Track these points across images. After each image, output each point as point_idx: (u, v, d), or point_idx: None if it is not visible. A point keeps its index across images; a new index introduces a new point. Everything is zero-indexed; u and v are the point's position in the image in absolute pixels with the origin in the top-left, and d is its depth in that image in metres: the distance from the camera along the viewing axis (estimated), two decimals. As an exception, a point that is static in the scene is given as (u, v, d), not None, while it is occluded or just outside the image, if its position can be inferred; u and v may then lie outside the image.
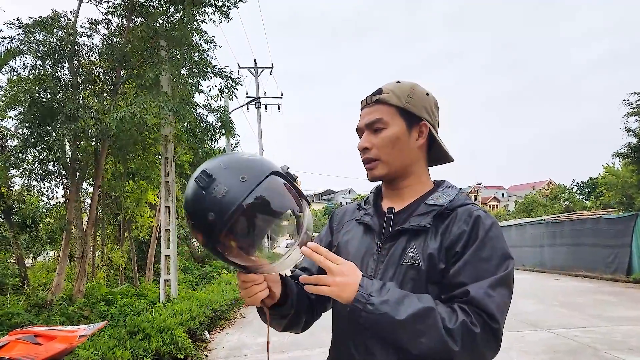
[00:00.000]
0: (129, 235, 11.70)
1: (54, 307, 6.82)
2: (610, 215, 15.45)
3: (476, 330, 1.03)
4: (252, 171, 1.04)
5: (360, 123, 1.32)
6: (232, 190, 1.00)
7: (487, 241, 1.14)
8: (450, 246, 1.15)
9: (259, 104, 26.68)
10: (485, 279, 1.09)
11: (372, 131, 1.28)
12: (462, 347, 1.02)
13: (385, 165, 1.27)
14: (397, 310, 1.03)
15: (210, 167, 1.05)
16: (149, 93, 7.65)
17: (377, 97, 1.29)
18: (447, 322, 1.03)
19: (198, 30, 9.00)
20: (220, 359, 6.22)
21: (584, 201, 37.72)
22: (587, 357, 5.64)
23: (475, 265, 1.11)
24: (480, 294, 1.06)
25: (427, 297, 1.08)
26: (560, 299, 10.47)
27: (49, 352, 2.22)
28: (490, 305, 1.05)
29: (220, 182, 1.01)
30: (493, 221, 1.18)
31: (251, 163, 1.07)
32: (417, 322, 1.03)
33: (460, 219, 1.18)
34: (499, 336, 1.07)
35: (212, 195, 1.00)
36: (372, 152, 1.27)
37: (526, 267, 19.22)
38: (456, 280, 1.11)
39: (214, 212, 0.99)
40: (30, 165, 8.21)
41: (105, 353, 4.59)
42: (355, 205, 1.45)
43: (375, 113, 1.28)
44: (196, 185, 1.04)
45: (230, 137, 10.02)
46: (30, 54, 7.71)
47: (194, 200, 1.04)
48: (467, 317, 1.04)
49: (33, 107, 7.57)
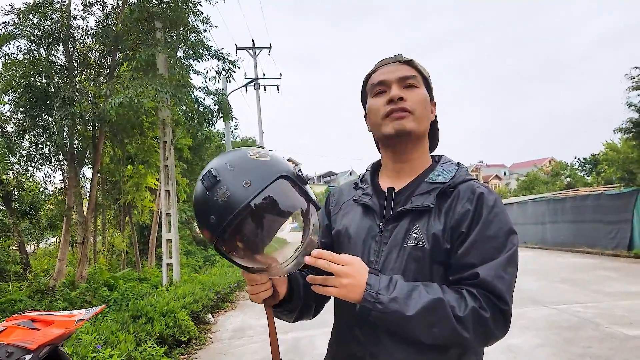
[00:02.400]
0: (130, 220, 11.71)
1: (57, 292, 6.85)
2: (611, 191, 15.42)
3: (486, 314, 1.03)
4: (258, 175, 1.00)
5: (389, 76, 1.23)
6: (234, 195, 0.97)
7: (493, 218, 1.12)
8: (456, 226, 1.13)
9: (257, 85, 26.44)
10: (494, 260, 1.08)
11: (405, 87, 1.22)
12: (474, 333, 1.03)
13: (416, 121, 1.21)
14: (406, 306, 1.02)
15: (217, 166, 1.02)
16: (145, 76, 7.55)
17: (407, 58, 1.25)
18: (457, 311, 1.02)
19: (194, 11, 8.85)
20: (224, 341, 6.26)
21: (586, 177, 37.69)
22: (589, 332, 5.66)
23: (483, 244, 1.10)
24: (490, 276, 1.05)
25: (435, 287, 1.07)
26: (561, 275, 10.50)
27: (47, 337, 2.20)
28: (500, 287, 1.05)
29: (224, 185, 0.99)
30: (496, 197, 1.16)
31: (259, 166, 1.02)
32: (427, 315, 1.02)
33: (464, 197, 1.15)
34: (508, 317, 1.07)
35: (215, 199, 0.98)
36: (407, 103, 1.20)
37: (528, 244, 19.26)
38: (464, 261, 1.09)
39: (215, 215, 0.98)
40: (27, 150, 8.17)
41: (108, 337, 4.60)
42: (351, 184, 1.39)
43: (409, 70, 1.24)
44: (201, 185, 1.03)
45: (227, 120, 9.93)
46: (25, 38, 7.60)
47: (198, 200, 1.03)
48: (476, 303, 1.03)
49: (28, 91, 7.50)
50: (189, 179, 13.70)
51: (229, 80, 9.48)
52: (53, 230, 10.29)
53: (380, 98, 1.24)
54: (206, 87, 9.42)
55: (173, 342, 5.64)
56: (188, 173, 13.81)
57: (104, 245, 12.00)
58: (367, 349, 1.15)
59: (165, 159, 8.82)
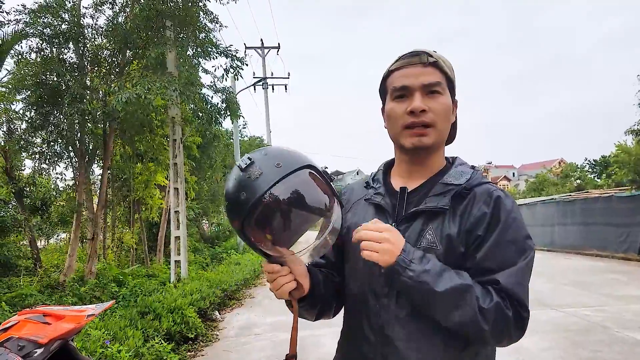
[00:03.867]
0: (139, 217, 11.78)
1: (66, 288, 6.92)
2: (622, 194, 15.27)
3: (509, 313, 1.04)
4: (289, 160, 1.05)
5: (412, 82, 1.17)
6: (266, 173, 1.02)
7: (511, 223, 1.11)
8: (471, 229, 1.11)
9: (265, 85, 26.49)
10: (513, 266, 1.09)
11: (428, 94, 1.17)
12: (492, 328, 1.04)
13: (436, 134, 1.18)
14: (437, 281, 1.03)
15: (253, 154, 1.09)
16: (154, 74, 7.59)
17: (432, 59, 1.17)
18: (481, 302, 1.03)
19: (204, 10, 8.88)
20: (230, 338, 6.29)
21: (596, 179, 37.35)
22: (598, 336, 5.62)
23: (501, 249, 1.10)
24: (511, 283, 1.07)
25: (465, 274, 1.08)
26: (571, 278, 10.42)
27: (58, 331, 2.22)
28: (521, 294, 1.07)
29: (257, 165, 1.04)
30: (513, 201, 1.15)
31: (290, 154, 1.09)
32: (454, 296, 1.03)
33: (480, 199, 1.14)
34: (526, 323, 1.09)
35: (247, 177, 1.03)
36: (429, 116, 1.15)
37: (537, 246, 18.76)
38: (483, 265, 1.10)
39: (246, 191, 1.02)
40: (40, 147, 8.26)
41: (116, 333, 4.64)
42: (363, 183, 1.37)
43: (433, 75, 1.17)
44: (237, 168, 1.08)
45: (235, 119, 9.95)
46: (36, 37, 7.68)
47: (231, 180, 1.08)
48: (501, 300, 1.05)
49: (39, 89, 7.58)
50: (198, 176, 13.76)
51: (236, 78, 9.49)
52: (63, 226, 10.39)
53: (401, 104, 1.19)
54: (214, 85, 9.42)
55: (180, 339, 5.67)
56: (196, 171, 13.88)
57: (113, 241, 12.09)
58: (377, 349, 1.15)
59: (174, 157, 8.87)
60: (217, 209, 18.16)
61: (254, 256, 13.86)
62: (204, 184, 15.08)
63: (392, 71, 1.23)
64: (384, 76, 1.27)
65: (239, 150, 17.86)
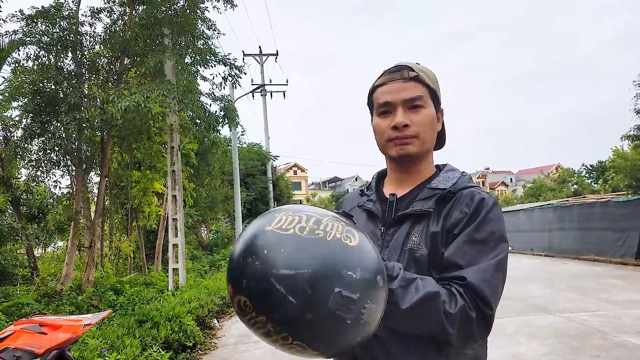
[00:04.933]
0: (137, 225, 11.76)
1: (64, 296, 6.89)
2: (619, 199, 15.30)
3: (472, 315, 1.03)
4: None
5: (394, 97, 1.23)
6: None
7: (486, 222, 1.13)
8: (451, 229, 1.15)
9: (264, 92, 26.60)
10: (481, 263, 1.09)
11: (410, 108, 1.22)
12: (458, 331, 1.03)
13: (420, 144, 1.23)
14: (402, 299, 1.00)
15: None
16: (152, 82, 7.62)
17: (413, 73, 1.22)
18: (447, 307, 1.02)
19: (202, 18, 8.93)
20: (229, 346, 6.27)
21: (593, 185, 37.45)
22: (596, 341, 5.62)
23: (472, 246, 1.11)
24: (477, 280, 1.06)
25: (430, 281, 1.06)
26: (568, 282, 10.43)
27: (54, 341, 2.22)
28: (486, 291, 1.05)
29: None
30: (494, 203, 1.17)
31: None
32: (420, 308, 1.01)
33: (463, 202, 1.18)
34: (490, 322, 1.07)
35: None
36: (411, 129, 1.21)
37: (534, 251, 19.15)
38: (451, 260, 1.11)
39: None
40: (36, 155, 8.26)
41: (114, 342, 4.62)
42: (358, 191, 1.44)
43: (414, 89, 1.22)
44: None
45: (233, 127, 9.98)
46: (33, 45, 7.70)
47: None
48: (464, 301, 1.04)
49: (36, 97, 7.59)
50: (196, 183, 13.75)
51: (235, 87, 9.53)
52: (61, 234, 10.36)
53: (385, 119, 1.24)
54: (213, 94, 9.45)
55: (178, 347, 5.65)
56: (195, 178, 13.87)
57: (111, 249, 12.05)
58: (367, 350, 1.16)
59: (172, 164, 8.88)
60: (215, 216, 18.13)
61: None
62: (202, 190, 15.06)
63: (376, 87, 1.28)
64: (370, 91, 1.32)
65: (237, 157, 17.86)
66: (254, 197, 23.55)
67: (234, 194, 18.03)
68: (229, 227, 19.98)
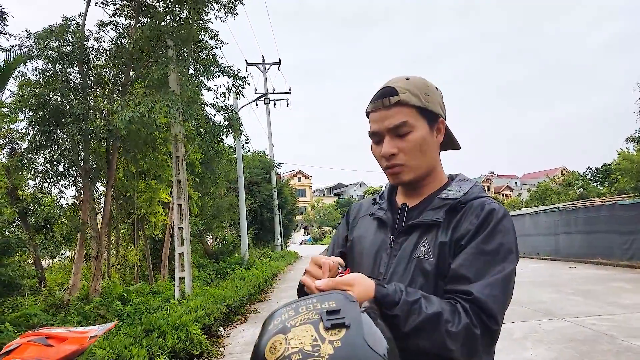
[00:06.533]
0: (143, 234, 11.81)
1: (71, 306, 6.92)
2: (625, 201, 15.23)
3: (477, 332, 1.02)
4: None
5: (379, 127, 1.22)
6: None
7: (496, 234, 1.12)
8: (459, 239, 1.14)
9: (267, 100, 26.71)
10: (489, 277, 1.08)
11: (396, 135, 1.21)
12: (461, 347, 1.02)
13: (412, 171, 1.23)
14: (404, 322, 1.01)
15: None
16: (157, 93, 7.69)
17: (395, 98, 1.19)
18: (449, 326, 1.01)
19: (205, 29, 9.02)
20: (236, 354, 6.27)
21: (599, 188, 37.24)
22: (604, 346, 5.59)
23: (479, 258, 1.10)
24: (484, 295, 1.05)
25: (434, 300, 1.05)
26: (575, 287, 10.37)
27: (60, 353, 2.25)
28: (492, 307, 1.04)
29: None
30: (505, 215, 1.16)
31: None
32: (423, 329, 1.01)
33: (473, 212, 1.17)
34: (496, 336, 1.07)
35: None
36: (399, 157, 1.21)
37: (541, 255, 19.04)
38: (458, 272, 1.10)
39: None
40: (42, 166, 8.33)
41: (121, 351, 4.64)
42: (371, 200, 1.45)
43: (397, 116, 1.20)
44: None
45: (237, 137, 10.04)
46: (40, 59, 7.81)
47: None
48: (468, 318, 1.03)
49: (42, 109, 7.68)
50: (201, 192, 13.80)
51: (239, 97, 9.58)
52: (68, 245, 10.41)
53: (377, 147, 1.26)
54: (217, 104, 9.52)
55: (185, 356, 5.66)
56: (200, 187, 13.92)
57: (118, 259, 12.09)
58: None
59: (177, 174, 8.92)
60: (220, 224, 18.15)
61: (258, 271, 13.84)
62: (208, 199, 15.11)
63: (368, 113, 1.28)
64: (366, 115, 1.32)
65: (242, 165, 17.93)
66: (258, 205, 23.60)
67: (239, 202, 18.09)
68: (235, 235, 20.00)
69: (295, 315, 0.89)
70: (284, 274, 18.30)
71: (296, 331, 0.85)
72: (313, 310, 0.88)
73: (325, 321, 0.85)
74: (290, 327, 0.87)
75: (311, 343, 0.82)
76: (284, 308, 0.93)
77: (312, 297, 0.93)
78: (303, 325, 0.86)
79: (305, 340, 0.83)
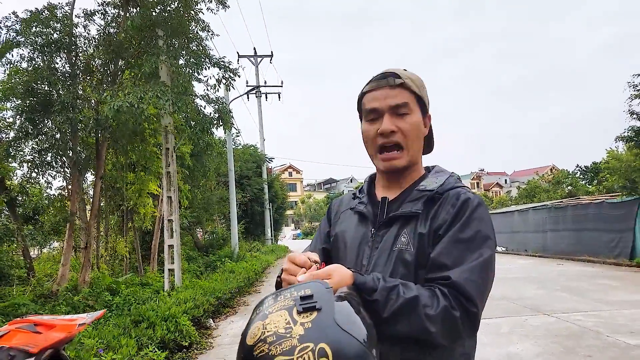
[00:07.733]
0: (133, 226, 11.74)
1: (60, 297, 6.87)
2: (613, 200, 15.42)
3: (456, 313, 1.04)
4: None
5: (381, 104, 1.25)
6: None
7: (471, 222, 1.15)
8: (437, 229, 1.17)
9: (259, 93, 26.58)
10: (467, 263, 1.10)
11: (396, 115, 1.24)
12: (442, 330, 1.04)
13: (407, 155, 1.26)
14: (383, 307, 1.03)
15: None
16: (147, 83, 7.62)
17: (400, 80, 1.24)
18: (428, 310, 1.03)
19: (196, 20, 8.92)
20: (225, 346, 6.28)
21: (587, 186, 37.58)
22: (590, 341, 5.66)
23: (457, 246, 1.13)
24: (461, 279, 1.07)
25: (411, 285, 1.08)
26: (562, 283, 10.49)
27: (49, 340, 2.23)
28: (470, 290, 1.06)
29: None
30: (480, 203, 1.19)
31: None
32: (401, 314, 1.03)
33: (449, 202, 1.20)
34: (477, 319, 1.09)
35: None
36: (397, 135, 1.24)
37: (529, 252, 19.24)
38: (437, 261, 1.12)
39: None
40: (30, 156, 8.23)
41: (110, 341, 4.62)
42: (351, 194, 1.47)
43: (400, 96, 1.24)
44: None
45: (228, 129, 9.97)
46: (27, 46, 7.69)
47: None
48: (446, 301, 1.05)
49: (29, 97, 7.58)
50: (191, 185, 13.73)
51: (229, 89, 9.51)
52: (57, 235, 10.33)
53: (372, 125, 1.27)
54: (207, 96, 9.43)
55: (174, 347, 5.66)
56: (190, 179, 13.85)
57: (107, 250, 12.02)
58: None
59: (167, 166, 8.86)
60: (210, 217, 18.10)
61: (248, 264, 13.84)
62: (198, 192, 15.04)
63: (364, 93, 1.30)
64: (359, 97, 1.34)
65: (232, 158, 17.85)
66: (249, 199, 23.53)
67: (229, 196, 18.03)
68: (225, 229, 19.95)
69: (274, 303, 0.93)
70: (274, 267, 18.31)
71: (273, 317, 0.89)
72: (289, 298, 0.92)
73: (298, 306, 0.89)
74: (269, 314, 0.90)
75: (284, 326, 0.86)
76: (266, 299, 0.97)
77: (291, 287, 0.97)
78: (279, 311, 0.90)
79: (279, 324, 0.87)
